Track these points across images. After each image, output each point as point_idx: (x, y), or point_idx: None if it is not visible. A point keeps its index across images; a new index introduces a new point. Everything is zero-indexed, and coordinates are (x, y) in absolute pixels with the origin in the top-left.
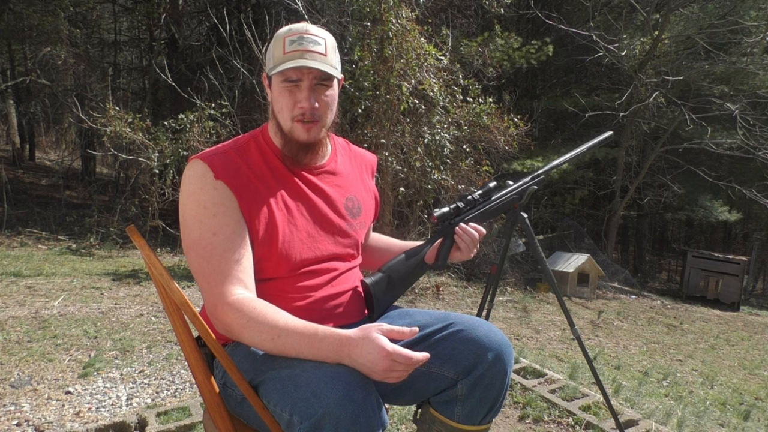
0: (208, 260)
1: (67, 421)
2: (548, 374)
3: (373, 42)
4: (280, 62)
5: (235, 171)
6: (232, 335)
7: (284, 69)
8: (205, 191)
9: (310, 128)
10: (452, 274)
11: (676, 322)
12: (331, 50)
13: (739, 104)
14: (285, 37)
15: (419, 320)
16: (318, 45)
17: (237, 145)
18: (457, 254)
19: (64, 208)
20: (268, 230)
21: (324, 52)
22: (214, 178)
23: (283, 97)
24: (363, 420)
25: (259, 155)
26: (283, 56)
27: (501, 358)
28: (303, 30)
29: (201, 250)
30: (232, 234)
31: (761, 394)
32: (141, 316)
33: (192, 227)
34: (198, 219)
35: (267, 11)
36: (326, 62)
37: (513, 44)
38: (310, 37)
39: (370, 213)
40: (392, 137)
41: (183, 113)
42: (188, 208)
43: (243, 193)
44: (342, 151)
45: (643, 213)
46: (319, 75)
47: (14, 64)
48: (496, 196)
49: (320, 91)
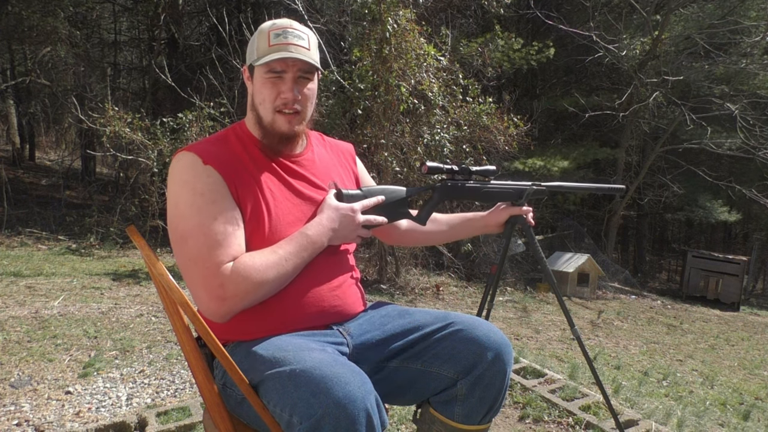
0: (209, 246)
1: (67, 421)
2: (548, 374)
3: (372, 42)
4: (264, 54)
5: (221, 156)
6: (249, 301)
7: (269, 60)
8: (198, 179)
9: (291, 119)
10: (452, 274)
11: (676, 322)
12: (314, 45)
13: (739, 104)
14: (269, 30)
15: (419, 320)
16: (302, 39)
17: (217, 137)
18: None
19: (64, 208)
20: (256, 213)
21: (307, 47)
22: (203, 164)
23: (265, 88)
24: (363, 420)
25: (240, 145)
26: (268, 48)
27: (501, 358)
28: (287, 25)
29: (202, 236)
30: (232, 218)
31: (761, 394)
32: (141, 316)
33: (189, 215)
34: (196, 206)
35: (267, 11)
36: (309, 56)
37: (513, 45)
38: (294, 32)
39: None
40: (392, 137)
41: (182, 112)
42: (183, 197)
43: (231, 177)
44: (317, 142)
45: (643, 213)
46: (303, 67)
47: (14, 64)
48: (496, 183)
49: (303, 84)
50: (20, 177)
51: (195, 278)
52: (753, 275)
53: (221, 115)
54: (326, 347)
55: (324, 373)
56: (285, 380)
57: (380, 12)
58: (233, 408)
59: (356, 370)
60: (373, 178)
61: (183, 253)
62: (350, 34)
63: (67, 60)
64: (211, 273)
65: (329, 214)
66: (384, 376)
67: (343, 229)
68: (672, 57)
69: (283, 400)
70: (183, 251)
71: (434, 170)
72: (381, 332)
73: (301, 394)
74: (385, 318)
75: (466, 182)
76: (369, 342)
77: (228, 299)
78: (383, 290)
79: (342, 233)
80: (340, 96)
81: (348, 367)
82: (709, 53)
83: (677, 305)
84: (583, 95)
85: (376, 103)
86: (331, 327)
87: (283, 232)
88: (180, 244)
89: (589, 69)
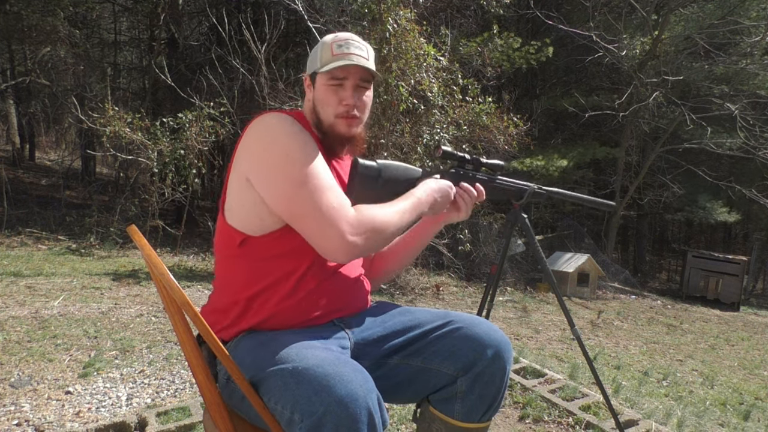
0: (326, 191)
1: (67, 421)
2: (548, 374)
3: (372, 42)
4: (328, 62)
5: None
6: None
7: (333, 67)
8: (303, 134)
9: (351, 123)
10: (452, 274)
11: (676, 322)
12: (372, 57)
13: (739, 104)
14: (333, 42)
15: (419, 317)
16: (362, 50)
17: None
18: (453, 214)
19: (64, 208)
20: None
21: (367, 57)
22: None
23: (327, 95)
24: (364, 419)
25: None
26: (332, 57)
27: (500, 356)
28: (350, 37)
29: (318, 181)
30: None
31: (761, 394)
32: (141, 316)
33: (302, 161)
34: (307, 153)
35: (266, 11)
36: (369, 65)
37: (512, 44)
38: (355, 43)
39: None
40: (392, 137)
41: (182, 112)
42: (293, 145)
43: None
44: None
45: (643, 213)
46: (363, 75)
47: (14, 64)
48: (503, 178)
49: (361, 91)
50: (20, 177)
51: (321, 216)
52: (753, 275)
53: (221, 115)
54: (330, 345)
55: (326, 371)
56: (287, 377)
57: (380, 12)
58: (236, 404)
59: (358, 368)
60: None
61: (303, 197)
62: None
63: (67, 60)
64: (339, 211)
65: (432, 184)
66: (384, 373)
67: (443, 200)
68: (672, 57)
69: (284, 397)
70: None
71: (447, 155)
72: (382, 329)
73: (303, 391)
74: (385, 315)
75: (477, 173)
76: (369, 338)
77: (358, 236)
78: (383, 290)
79: (441, 204)
80: None
81: (350, 365)
82: (709, 53)
83: (677, 305)
84: (583, 95)
85: (376, 103)
86: (333, 322)
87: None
88: (299, 187)
89: (589, 69)
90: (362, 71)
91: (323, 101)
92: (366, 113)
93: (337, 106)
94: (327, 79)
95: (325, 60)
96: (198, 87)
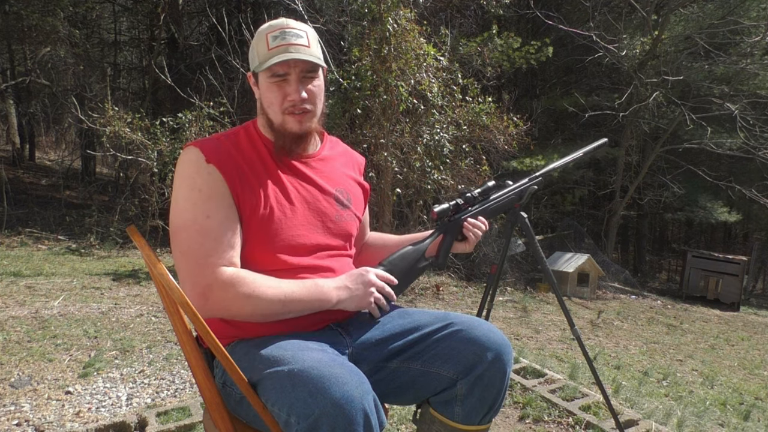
0: (200, 242)
1: (67, 421)
2: (548, 374)
3: (372, 42)
4: (265, 59)
5: (226, 156)
6: (230, 312)
7: (271, 65)
8: (199, 175)
9: (301, 119)
10: (452, 274)
11: (676, 322)
12: (314, 41)
13: (739, 104)
14: (267, 33)
15: (419, 320)
16: (300, 38)
17: (228, 134)
18: (462, 246)
19: (64, 208)
20: (256, 215)
21: (307, 44)
22: (206, 162)
23: (271, 92)
24: (360, 420)
25: (250, 145)
26: (268, 52)
27: (500, 358)
28: (284, 24)
29: (194, 232)
30: (225, 219)
31: (761, 394)
32: (141, 316)
33: (185, 209)
34: (192, 201)
35: (266, 11)
36: (311, 53)
37: (512, 44)
38: (291, 31)
39: (360, 206)
40: (391, 137)
41: (182, 112)
42: (182, 191)
43: (233, 177)
44: (331, 144)
45: (643, 213)
46: (306, 67)
47: (14, 64)
48: (496, 195)
49: (307, 82)
50: (20, 177)
51: (184, 271)
52: (753, 275)
53: (221, 115)
54: (326, 347)
55: (322, 373)
56: (283, 380)
57: (380, 12)
58: (233, 407)
59: (354, 370)
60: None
61: (175, 246)
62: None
63: (67, 60)
64: (200, 270)
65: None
66: (383, 376)
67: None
68: (672, 57)
69: (281, 399)
70: (175, 243)
71: (443, 214)
72: (380, 332)
73: (299, 393)
74: (384, 318)
75: (470, 209)
76: (368, 342)
77: (210, 301)
78: None
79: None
80: (339, 96)
81: (346, 367)
82: (709, 53)
83: (677, 305)
84: (583, 95)
85: (376, 103)
86: (330, 326)
87: (284, 238)
88: (176, 233)
89: (589, 69)
90: (303, 63)
91: (268, 100)
92: (318, 104)
93: (283, 102)
94: (268, 77)
95: (262, 56)
96: (198, 87)
